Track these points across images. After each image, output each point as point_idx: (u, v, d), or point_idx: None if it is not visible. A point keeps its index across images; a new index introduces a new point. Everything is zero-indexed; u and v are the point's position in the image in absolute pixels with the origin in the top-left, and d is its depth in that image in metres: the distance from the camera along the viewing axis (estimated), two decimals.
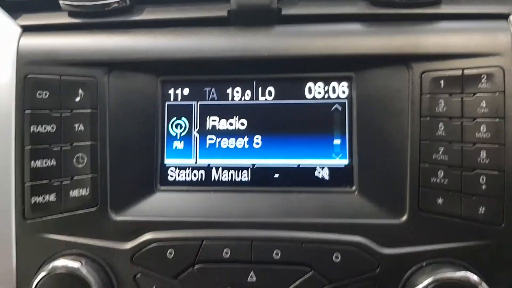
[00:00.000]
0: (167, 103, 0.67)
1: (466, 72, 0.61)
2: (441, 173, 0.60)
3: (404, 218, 0.60)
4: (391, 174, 0.62)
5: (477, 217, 0.59)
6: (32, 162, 0.65)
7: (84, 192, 0.65)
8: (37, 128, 0.65)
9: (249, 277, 0.60)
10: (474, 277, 0.56)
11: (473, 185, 0.59)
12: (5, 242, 0.65)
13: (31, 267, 0.63)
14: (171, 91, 0.67)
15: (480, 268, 0.58)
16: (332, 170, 0.65)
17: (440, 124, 0.60)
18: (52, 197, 0.65)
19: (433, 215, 0.60)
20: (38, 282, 0.61)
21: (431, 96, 0.61)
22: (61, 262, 0.62)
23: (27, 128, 0.65)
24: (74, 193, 0.65)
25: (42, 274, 0.61)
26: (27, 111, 0.65)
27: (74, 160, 0.65)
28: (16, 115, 0.65)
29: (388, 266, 0.59)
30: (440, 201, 0.60)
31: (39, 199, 0.65)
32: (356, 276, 0.60)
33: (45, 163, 0.65)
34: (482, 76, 0.60)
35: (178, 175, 0.67)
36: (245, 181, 0.66)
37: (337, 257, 0.60)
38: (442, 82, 0.61)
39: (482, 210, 0.59)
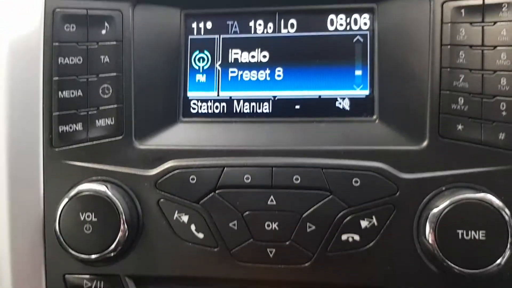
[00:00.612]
0: (190, 36, 0.69)
1: (487, 1, 0.61)
2: (461, 100, 0.60)
3: (424, 144, 0.61)
4: (411, 103, 0.62)
5: (497, 142, 0.59)
6: (60, 92, 0.67)
7: (109, 121, 0.67)
8: (64, 60, 0.67)
9: (268, 201, 0.62)
10: (497, 201, 0.57)
11: (493, 112, 0.59)
12: (34, 170, 0.68)
13: (58, 193, 0.65)
14: (194, 25, 0.69)
15: (500, 193, 0.58)
16: (353, 100, 0.65)
17: (461, 52, 0.61)
18: (78, 127, 0.67)
19: (453, 141, 0.60)
20: (65, 204, 0.63)
21: (452, 25, 0.61)
22: (88, 186, 0.64)
23: (55, 60, 0.67)
24: (100, 122, 0.67)
25: (69, 197, 0.63)
26: (55, 44, 0.67)
27: (100, 91, 0.67)
28: (44, 48, 0.67)
29: (408, 191, 0.60)
30: (460, 127, 0.60)
31: (66, 128, 0.67)
32: (375, 201, 0.60)
33: (72, 93, 0.67)
34: (503, 5, 0.60)
35: (200, 108, 0.68)
36: (266, 113, 0.67)
37: (356, 182, 0.61)
38: (463, 11, 0.61)
39: (502, 136, 0.59)
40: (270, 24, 0.67)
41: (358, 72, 0.65)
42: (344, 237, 0.61)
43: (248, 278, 0.62)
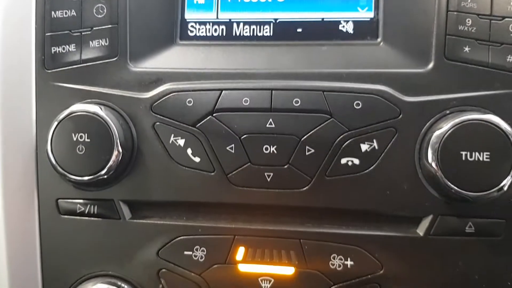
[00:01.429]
0: None
1: None
2: (469, 21, 0.58)
3: (430, 66, 0.59)
4: (417, 25, 0.60)
5: (504, 65, 0.57)
6: (53, 12, 0.64)
7: (103, 42, 0.64)
8: None
9: (267, 124, 0.60)
10: (504, 123, 0.55)
11: (502, 33, 0.57)
12: (26, 93, 0.66)
13: (50, 116, 0.63)
14: None
15: (506, 117, 0.56)
16: (357, 23, 0.63)
17: None
18: (71, 48, 0.65)
19: (459, 64, 0.58)
20: (57, 125, 0.61)
21: None
22: (80, 107, 0.62)
23: None
24: (93, 43, 0.64)
25: (61, 117, 0.61)
26: None
27: (94, 10, 0.64)
28: None
29: (410, 114, 0.58)
30: (467, 49, 0.58)
31: (59, 49, 0.65)
32: (376, 124, 0.58)
33: (65, 13, 0.64)
34: None
35: (199, 30, 0.66)
36: (267, 36, 0.65)
37: (357, 105, 0.59)
38: None
39: (510, 58, 0.57)
40: None
41: None
42: (343, 161, 0.59)
43: (244, 203, 0.61)
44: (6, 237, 0.65)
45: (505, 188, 0.54)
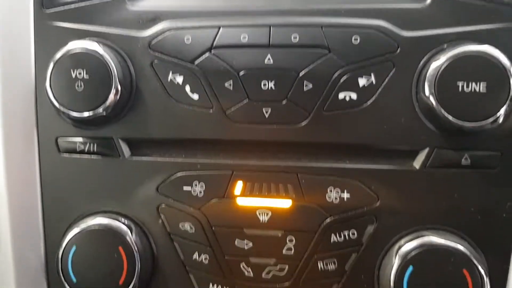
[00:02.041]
0: None
1: None
2: None
3: (428, 1, 0.59)
4: None
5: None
6: None
7: None
8: None
9: (265, 60, 0.60)
10: (500, 54, 0.55)
11: None
12: (24, 33, 0.66)
13: (49, 55, 0.63)
14: None
15: (504, 51, 0.56)
16: None
17: None
18: None
19: None
20: (56, 62, 0.61)
21: None
22: (78, 44, 0.62)
23: None
24: None
25: (59, 54, 0.61)
26: None
27: None
28: None
29: (408, 48, 0.58)
30: None
31: None
32: (374, 58, 0.59)
33: None
34: None
35: None
36: None
37: (356, 39, 0.59)
38: None
39: None
40: None
41: None
42: (341, 95, 0.59)
43: (243, 139, 0.61)
44: (7, 176, 0.65)
45: (501, 118, 0.55)
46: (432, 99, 0.56)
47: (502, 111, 0.54)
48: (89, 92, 0.61)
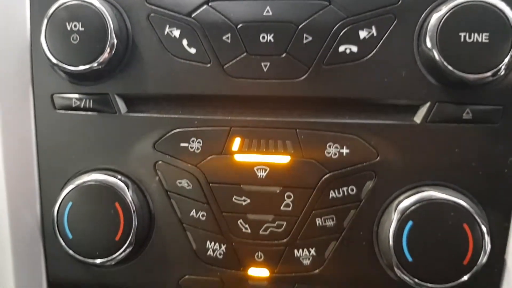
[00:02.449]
0: None
1: None
2: None
3: None
4: None
5: None
6: None
7: None
8: None
9: (264, 12, 0.59)
10: (504, 5, 0.53)
11: None
12: None
13: (44, 9, 0.62)
14: None
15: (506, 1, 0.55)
16: None
17: None
18: None
19: None
20: (50, 15, 0.60)
21: None
22: None
23: None
24: None
25: (54, 7, 0.60)
26: None
27: None
28: None
29: (410, 0, 0.57)
30: None
31: None
32: (375, 10, 0.58)
33: None
34: None
35: None
36: None
37: None
38: None
39: None
40: None
41: None
42: (341, 48, 0.58)
43: (241, 94, 0.60)
44: (2, 134, 0.64)
45: (503, 70, 0.53)
46: (433, 51, 0.55)
47: (504, 62, 0.53)
48: (84, 45, 0.60)
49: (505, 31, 0.53)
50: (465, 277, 0.55)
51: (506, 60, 0.53)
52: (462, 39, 0.54)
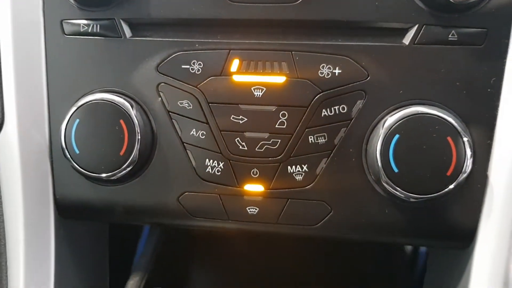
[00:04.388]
0: None
1: None
2: None
3: None
4: None
5: None
6: None
7: None
8: None
9: None
10: None
11: None
12: None
13: None
14: None
15: None
16: None
17: None
18: None
19: None
20: None
21: None
22: None
23: None
24: None
25: None
26: None
27: None
28: None
29: None
30: None
31: None
32: None
33: None
34: None
35: None
36: None
37: None
38: None
39: None
40: None
41: None
42: None
43: (240, 18, 0.64)
44: (14, 58, 0.68)
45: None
46: None
47: None
48: None
49: None
50: (450, 187, 0.58)
51: None
52: None
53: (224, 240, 1.15)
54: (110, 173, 0.65)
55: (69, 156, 0.66)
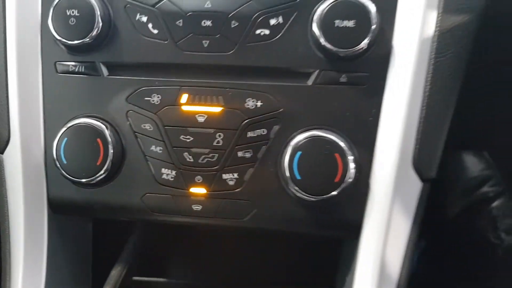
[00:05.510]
0: None
1: None
2: None
3: None
4: None
5: None
6: None
7: None
8: None
9: (206, 5, 0.82)
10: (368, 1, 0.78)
11: None
12: None
13: (51, 1, 0.87)
14: None
15: None
16: None
17: None
18: None
19: None
20: (56, 4, 0.85)
21: None
22: None
23: None
24: None
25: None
26: None
27: None
28: None
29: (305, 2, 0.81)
30: None
31: None
32: (282, 5, 0.80)
33: None
34: None
35: None
36: None
37: None
38: None
39: None
40: None
41: None
42: (258, 31, 0.82)
43: (189, 63, 0.84)
44: (18, 92, 0.89)
45: (365, 47, 0.78)
46: (318, 33, 0.79)
47: (365, 42, 0.78)
48: (78, 26, 0.85)
49: (366, 20, 0.77)
50: (337, 191, 0.79)
51: (366, 40, 0.77)
52: (336, 25, 0.78)
53: (199, 236, 1.35)
54: (89, 179, 0.86)
55: (59, 165, 0.87)
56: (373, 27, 0.77)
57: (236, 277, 1.27)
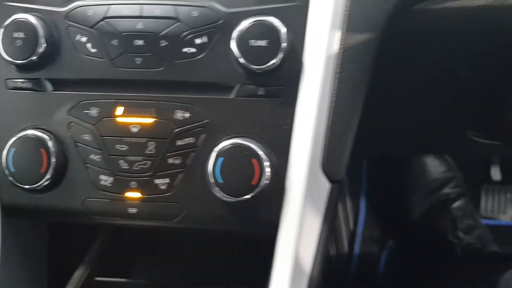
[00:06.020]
0: None
1: None
2: None
3: None
4: None
5: None
6: None
7: None
8: None
9: (138, 26, 0.92)
10: (278, 23, 0.87)
11: None
12: None
13: (1, 24, 0.95)
14: None
15: (282, 20, 0.88)
16: None
17: None
18: None
19: None
20: (5, 29, 0.94)
21: None
22: (19, 16, 0.94)
23: None
24: None
25: (6, 24, 0.94)
26: None
27: None
28: None
29: (227, 20, 0.89)
30: None
31: None
32: (206, 26, 0.89)
33: None
34: None
35: None
36: None
37: (195, 13, 0.90)
38: None
39: None
40: None
41: None
42: (185, 49, 0.91)
43: (123, 78, 0.93)
44: None
45: (277, 63, 0.87)
46: (237, 51, 0.88)
47: (277, 58, 0.87)
48: (24, 46, 0.93)
49: (277, 39, 0.87)
50: (254, 192, 0.87)
51: (278, 57, 0.87)
52: (251, 44, 0.87)
53: (161, 238, 1.43)
54: (34, 185, 0.94)
55: (8, 173, 0.95)
56: (283, 45, 0.86)
57: (189, 277, 1.35)
